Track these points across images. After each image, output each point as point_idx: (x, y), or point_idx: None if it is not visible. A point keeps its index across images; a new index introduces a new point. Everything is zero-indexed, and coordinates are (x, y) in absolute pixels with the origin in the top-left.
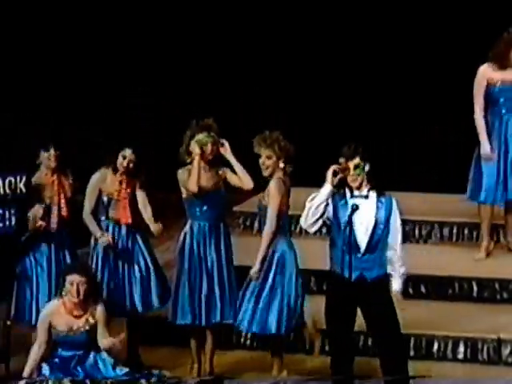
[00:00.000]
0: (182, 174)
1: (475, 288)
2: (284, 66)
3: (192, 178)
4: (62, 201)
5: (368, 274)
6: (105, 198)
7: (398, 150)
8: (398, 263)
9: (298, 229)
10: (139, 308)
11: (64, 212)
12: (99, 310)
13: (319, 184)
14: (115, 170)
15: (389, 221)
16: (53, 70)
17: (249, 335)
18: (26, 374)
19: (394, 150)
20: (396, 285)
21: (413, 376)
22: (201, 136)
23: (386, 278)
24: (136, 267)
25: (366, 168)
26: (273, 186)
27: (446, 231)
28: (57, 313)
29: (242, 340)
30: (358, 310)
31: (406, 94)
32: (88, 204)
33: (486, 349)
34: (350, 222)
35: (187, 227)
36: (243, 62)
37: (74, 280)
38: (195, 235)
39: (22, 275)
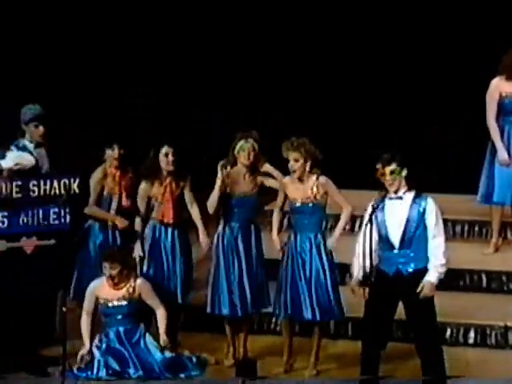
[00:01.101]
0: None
1: (484, 280)
2: (284, 67)
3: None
4: (124, 192)
5: (404, 269)
6: (152, 201)
7: (397, 150)
8: (432, 256)
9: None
10: (178, 300)
11: (124, 202)
12: (139, 283)
13: None
14: (159, 178)
15: (423, 219)
16: (53, 70)
17: (278, 321)
18: (85, 343)
19: (394, 150)
20: (428, 275)
21: (449, 376)
22: (241, 143)
23: (424, 272)
24: (177, 263)
25: (404, 173)
26: (330, 183)
27: (458, 228)
28: (101, 286)
29: (272, 326)
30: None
31: (407, 94)
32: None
33: (494, 335)
34: (370, 220)
35: (221, 228)
36: (244, 63)
37: (106, 266)
38: (229, 235)
39: (81, 260)
